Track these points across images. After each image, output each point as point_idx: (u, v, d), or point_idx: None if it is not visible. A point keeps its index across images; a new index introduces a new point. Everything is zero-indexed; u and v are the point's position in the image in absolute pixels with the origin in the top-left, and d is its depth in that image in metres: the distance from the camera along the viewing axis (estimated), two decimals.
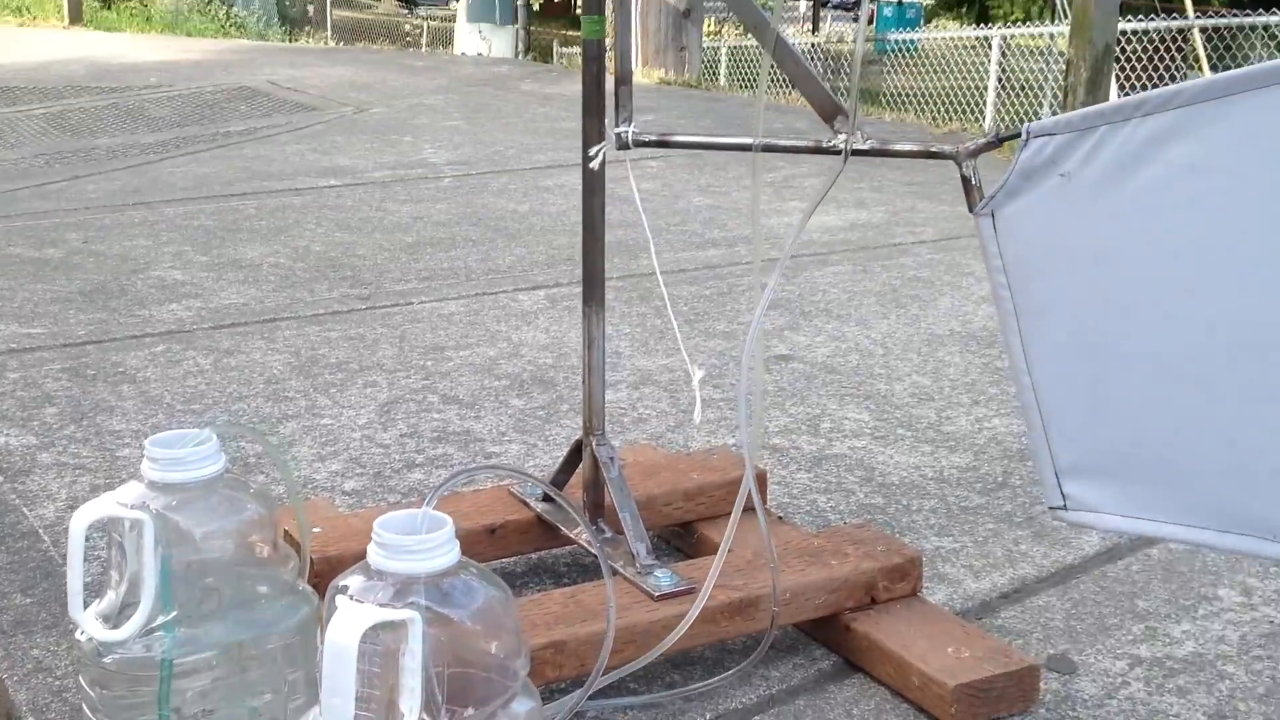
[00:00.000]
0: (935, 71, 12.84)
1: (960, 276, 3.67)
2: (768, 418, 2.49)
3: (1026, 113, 11.11)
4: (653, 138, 1.84)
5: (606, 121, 1.88)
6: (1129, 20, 9.51)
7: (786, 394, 2.65)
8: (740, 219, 4.45)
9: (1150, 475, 1.37)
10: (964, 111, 10.80)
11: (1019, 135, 1.36)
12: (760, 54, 1.84)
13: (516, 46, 12.38)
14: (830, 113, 1.69)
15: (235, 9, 21.05)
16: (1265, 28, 9.76)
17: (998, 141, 1.42)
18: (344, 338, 3.02)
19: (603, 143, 1.88)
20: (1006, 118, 11.13)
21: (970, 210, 1.40)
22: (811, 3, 33.17)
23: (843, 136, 1.61)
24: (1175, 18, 10.27)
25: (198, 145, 5.89)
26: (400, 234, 4.16)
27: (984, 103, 10.83)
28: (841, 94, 1.65)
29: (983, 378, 2.78)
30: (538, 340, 3.02)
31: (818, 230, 4.24)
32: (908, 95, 12.16)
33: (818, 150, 1.66)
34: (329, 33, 19.21)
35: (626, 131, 1.89)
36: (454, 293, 3.45)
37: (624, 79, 2.04)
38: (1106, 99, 6.22)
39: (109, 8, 15.79)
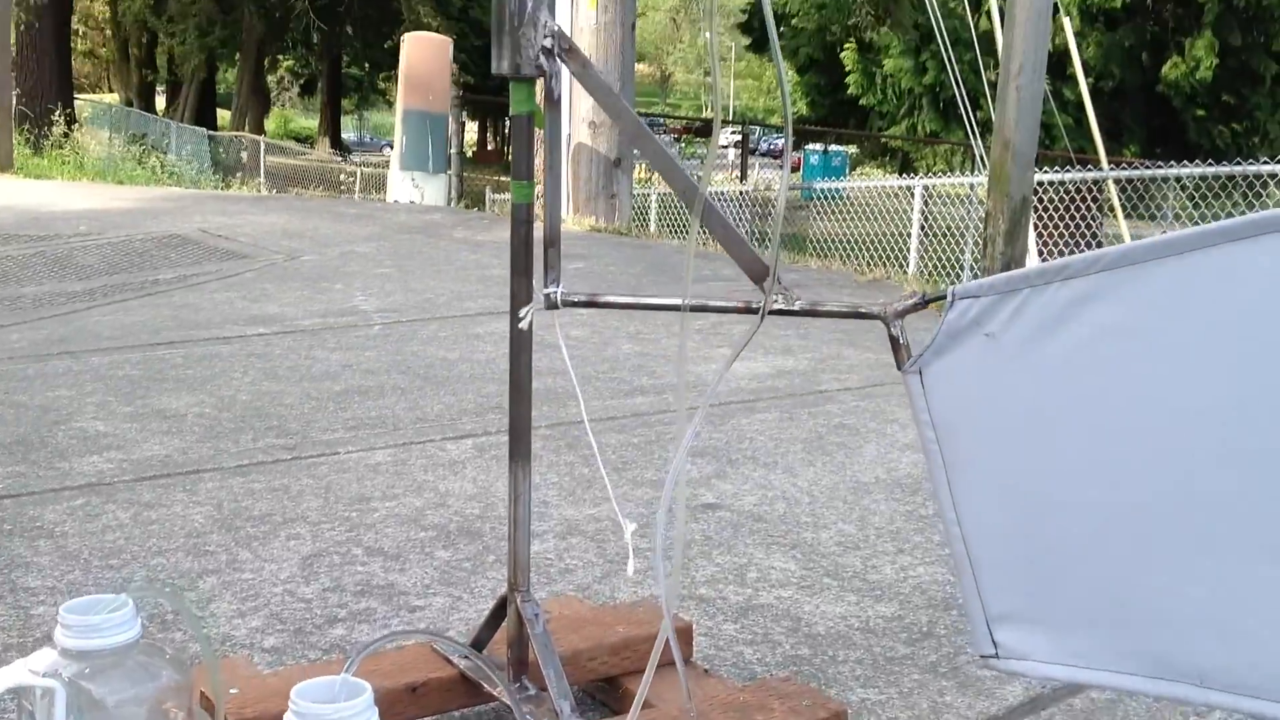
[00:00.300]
0: (860, 217, 13.13)
1: (885, 424, 3.71)
2: (694, 567, 2.49)
3: (949, 258, 11.37)
4: (581, 298, 1.88)
5: (535, 281, 1.91)
6: (1045, 171, 9.82)
7: (713, 543, 2.65)
8: (669, 366, 4.50)
9: (1081, 622, 1.39)
10: (888, 258, 11.02)
11: (944, 297, 1.41)
12: (689, 214, 1.89)
13: (449, 194, 12.52)
14: (758, 274, 1.74)
15: (169, 156, 21.20)
16: (1177, 179, 10.11)
17: (924, 303, 1.47)
18: (268, 489, 3.00)
19: (532, 303, 1.91)
20: (930, 264, 11.38)
21: (899, 368, 1.44)
22: (739, 151, 33.93)
23: (771, 298, 1.67)
24: (1090, 169, 10.61)
25: (126, 293, 5.87)
26: (328, 382, 4.15)
27: (908, 249, 11.06)
28: (768, 242, 1.69)
29: (907, 525, 2.81)
30: (465, 490, 3.01)
31: (745, 378, 4.29)
32: (833, 241, 12.41)
33: (745, 310, 1.71)
34: (262, 179, 19.36)
35: (555, 292, 1.93)
36: (381, 442, 3.44)
37: (552, 240, 2.08)
38: (1025, 248, 6.40)
39: (39, 154, 15.83)
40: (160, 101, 40.04)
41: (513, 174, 2.27)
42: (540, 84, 2.28)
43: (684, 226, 13.53)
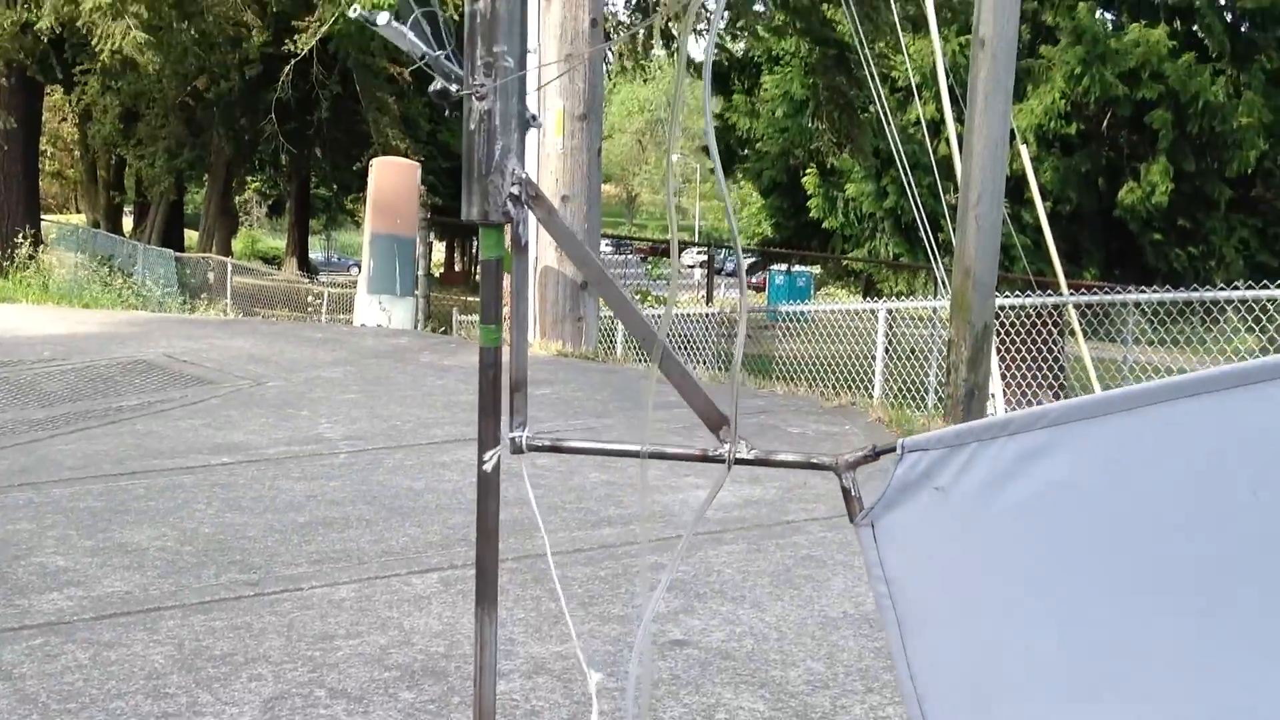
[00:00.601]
0: (826, 338, 13.24)
1: (853, 555, 3.71)
2: (662, 708, 2.47)
3: (914, 380, 11.45)
4: (545, 443, 1.91)
5: (502, 426, 1.93)
6: (1006, 296, 9.95)
7: (681, 682, 2.63)
8: (636, 496, 4.49)
9: None
10: (854, 380, 11.09)
11: (895, 449, 1.42)
12: (648, 363, 1.92)
13: (416, 317, 12.56)
14: (715, 422, 1.76)
15: (135, 277, 21.22)
16: (1137, 304, 10.27)
17: (875, 455, 1.49)
18: (230, 627, 2.96)
19: (497, 448, 1.93)
20: (896, 385, 11.46)
21: (851, 520, 1.45)
22: (705, 271, 34.24)
23: (727, 446, 1.68)
24: (1050, 293, 10.77)
25: (90, 421, 5.84)
26: (292, 514, 4.12)
27: (873, 372, 11.15)
28: (727, 355, 1.71)
29: (876, 662, 2.79)
30: (430, 627, 2.98)
31: (712, 508, 4.28)
32: (800, 362, 12.49)
33: (703, 459, 1.73)
34: (229, 301, 19.37)
35: (520, 437, 1.96)
36: (345, 577, 3.41)
37: (518, 384, 2.11)
38: (988, 376, 6.46)
39: (4, 277, 15.82)
40: (128, 222, 40.18)
41: (481, 318, 2.30)
42: (508, 229, 2.32)
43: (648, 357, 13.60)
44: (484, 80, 2.22)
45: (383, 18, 2.36)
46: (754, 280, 41.05)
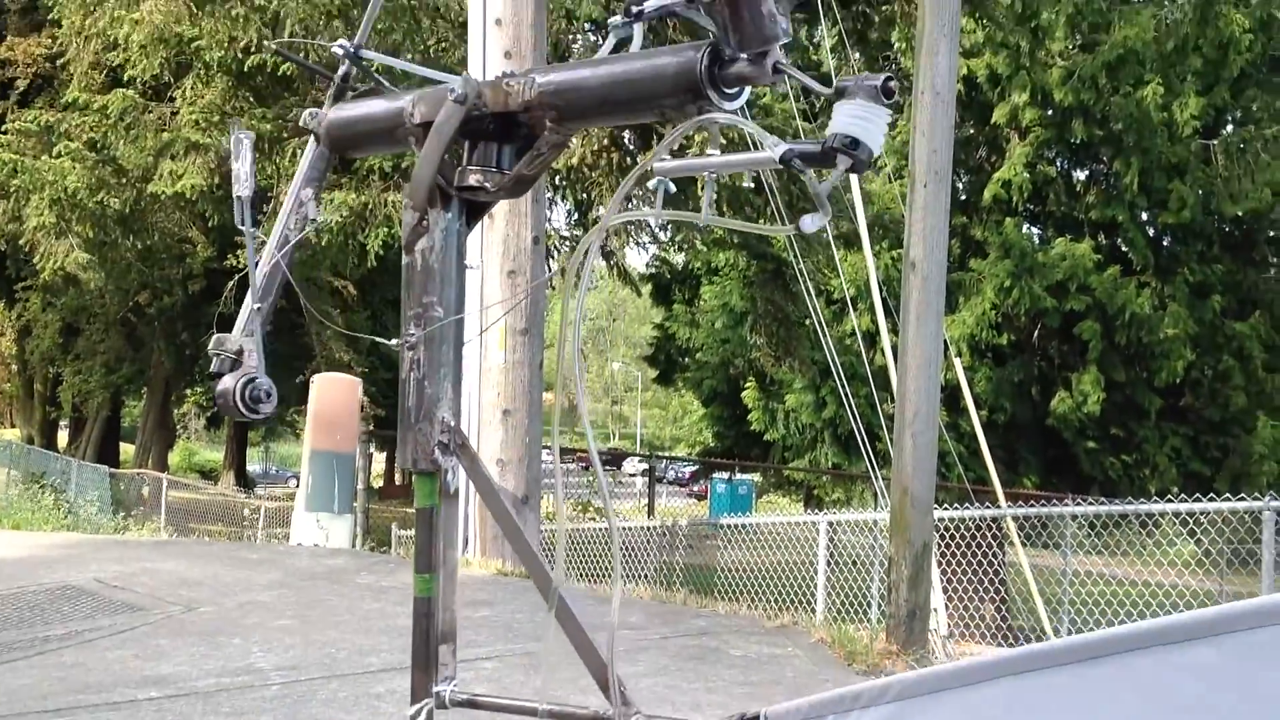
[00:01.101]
0: (767, 547, 13.24)
1: None
2: None
3: (858, 590, 11.42)
4: (464, 698, 1.98)
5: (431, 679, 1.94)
6: (946, 508, 10.04)
7: None
8: None
9: None
10: (796, 594, 11.06)
11: (758, 718, 1.45)
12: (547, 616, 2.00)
13: (354, 533, 12.43)
14: (604, 681, 1.84)
15: (68, 493, 20.91)
16: (1074, 516, 10.39)
17: None
18: None
19: (425, 700, 1.93)
20: (839, 597, 11.42)
21: None
22: (648, 481, 34.26)
23: (613, 712, 1.77)
24: (988, 505, 10.88)
25: (14, 653, 5.68)
26: None
27: (815, 585, 11.12)
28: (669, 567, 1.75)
29: None
30: None
31: None
32: (742, 571, 12.45)
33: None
34: (163, 519, 19.09)
35: (446, 691, 1.97)
36: None
37: (446, 636, 2.11)
38: (929, 595, 6.46)
39: None
40: (64, 436, 39.77)
41: (415, 566, 2.30)
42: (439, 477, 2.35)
43: (592, 570, 13.51)
44: (414, 330, 2.27)
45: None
46: (695, 488, 41.10)
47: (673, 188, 2.08)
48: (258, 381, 2.38)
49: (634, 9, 2.01)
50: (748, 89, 1.91)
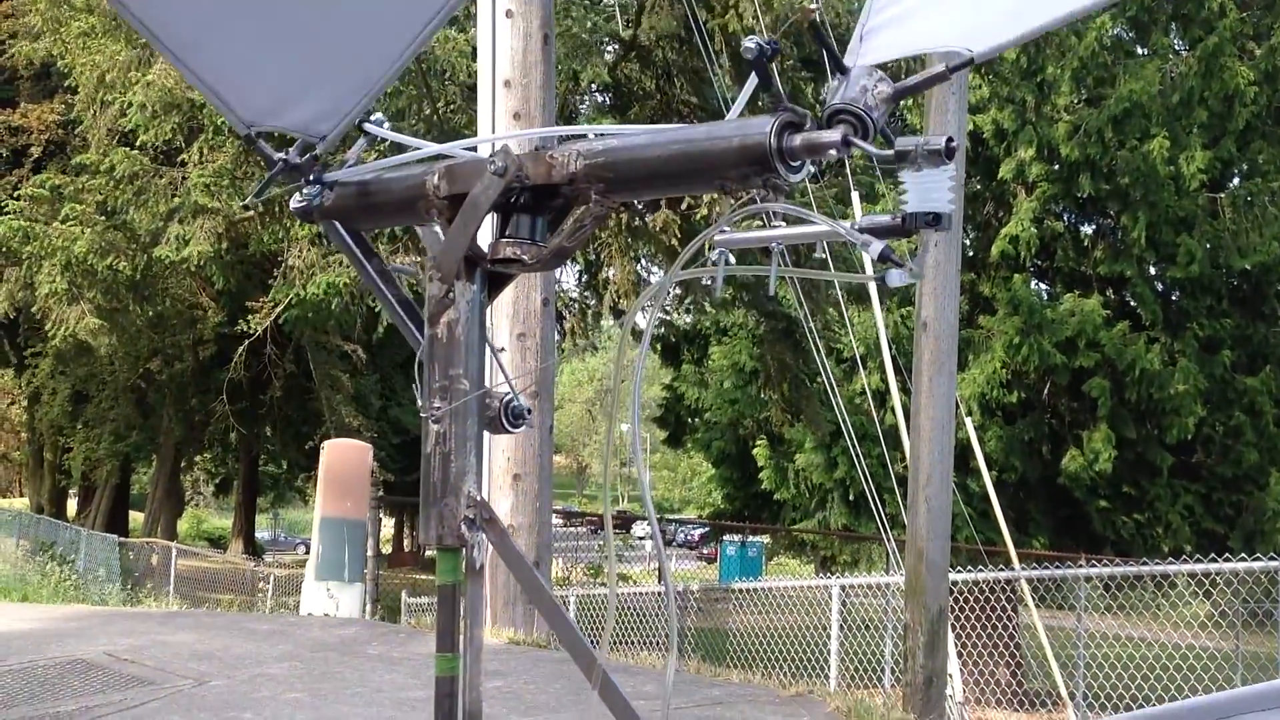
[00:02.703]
0: (779, 610, 13.13)
1: None
2: None
3: (871, 654, 11.30)
4: None
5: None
6: (959, 571, 9.95)
7: None
8: None
9: None
10: (810, 660, 10.95)
11: None
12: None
13: (364, 602, 12.34)
14: None
15: (78, 563, 20.84)
16: (1087, 578, 10.31)
17: None
18: None
19: None
20: (853, 662, 11.31)
21: None
22: (655, 545, 34.07)
23: None
24: (1001, 568, 10.80)
25: None
26: None
27: (828, 650, 11.01)
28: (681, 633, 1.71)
29: None
30: None
31: None
32: (754, 635, 12.34)
33: None
34: (171, 588, 19.00)
35: None
36: None
37: (473, 718, 2.06)
38: (945, 660, 6.38)
39: None
40: (73, 504, 39.70)
41: (437, 645, 2.25)
42: (464, 553, 2.30)
43: (611, 637, 13.38)
44: (439, 404, 2.23)
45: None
46: (705, 551, 40.91)
47: (733, 260, 2.06)
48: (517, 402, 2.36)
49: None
50: (808, 163, 1.90)
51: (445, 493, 2.20)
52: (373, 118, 2.42)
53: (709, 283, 2.03)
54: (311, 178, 2.39)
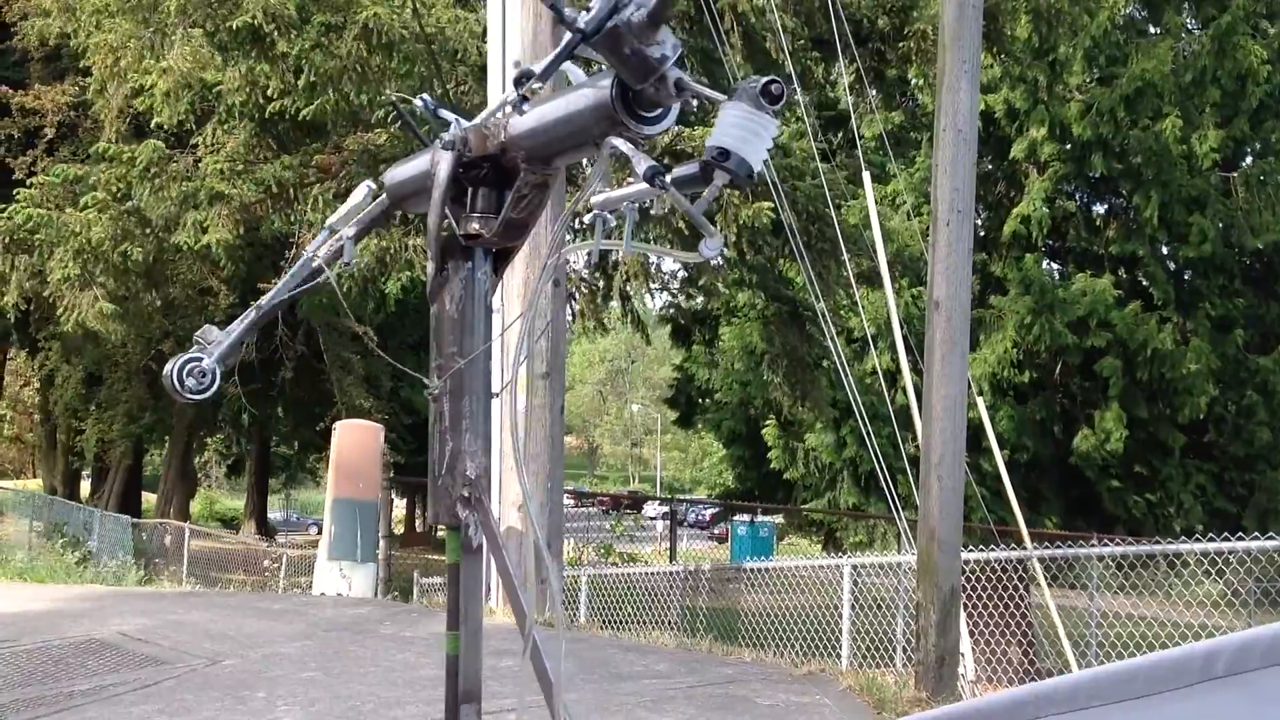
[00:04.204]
0: (791, 590, 13.14)
1: None
2: None
3: (883, 633, 11.32)
4: None
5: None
6: (971, 550, 9.95)
7: None
8: None
9: None
10: (822, 639, 10.96)
11: None
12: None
13: (377, 583, 12.38)
14: None
15: (90, 543, 20.92)
16: (1100, 557, 10.30)
17: None
18: None
19: None
20: (864, 642, 11.32)
21: None
22: (668, 523, 34.13)
23: None
24: (1013, 547, 10.79)
25: (39, 709, 5.64)
26: None
27: (840, 629, 11.02)
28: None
29: None
30: None
31: None
32: (766, 615, 12.35)
33: None
34: (185, 568, 19.06)
35: None
36: None
37: (469, 695, 2.08)
38: (958, 640, 6.40)
39: None
40: (85, 486, 39.83)
41: (447, 624, 2.26)
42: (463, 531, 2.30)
43: (614, 619, 13.41)
44: (438, 381, 2.23)
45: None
46: (716, 531, 40.95)
47: (613, 220, 2.04)
48: (203, 364, 2.37)
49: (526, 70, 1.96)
50: (671, 111, 1.87)
51: (444, 472, 2.20)
52: (420, 99, 2.40)
53: (589, 254, 2.04)
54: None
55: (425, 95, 2.40)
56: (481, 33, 14.78)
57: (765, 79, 1.72)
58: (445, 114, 2.35)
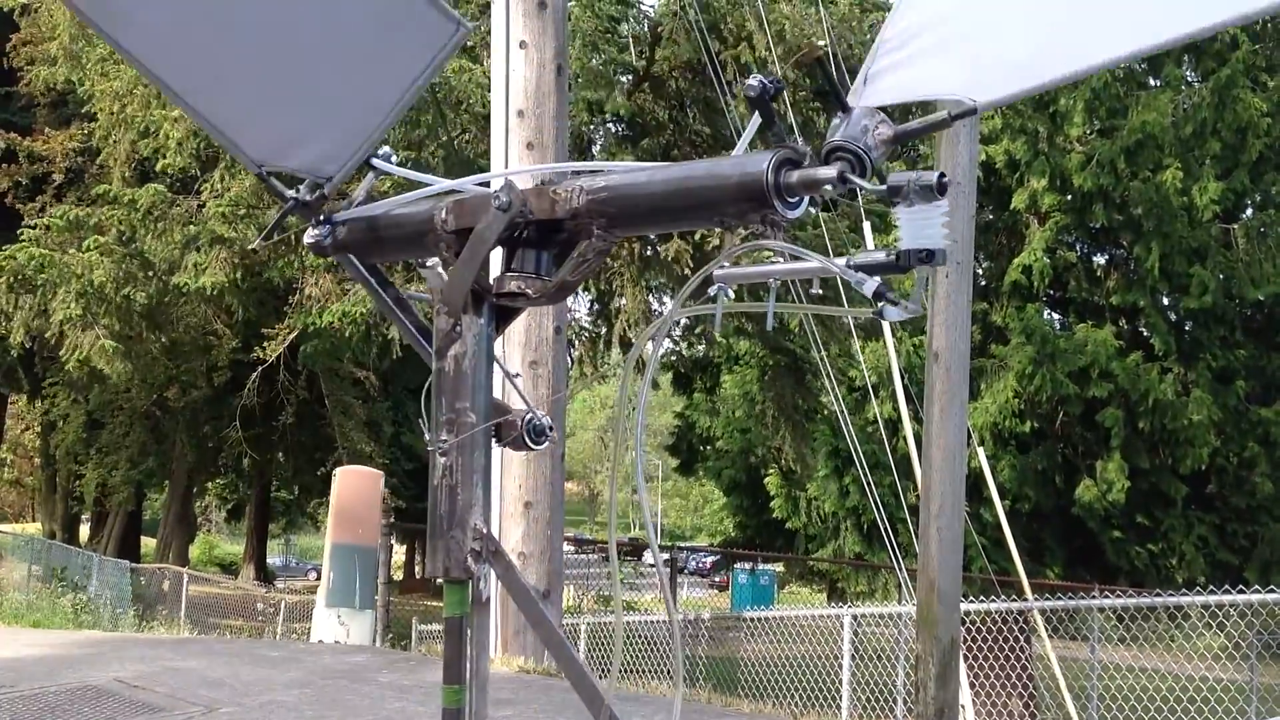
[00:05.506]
0: (791, 639, 13.08)
1: None
2: None
3: (883, 683, 11.27)
4: None
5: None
6: (972, 601, 9.93)
7: None
8: None
9: None
10: (822, 689, 10.90)
11: None
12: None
13: (375, 629, 12.33)
14: None
15: (90, 589, 20.85)
16: (1101, 609, 10.27)
17: None
18: None
19: None
20: (864, 694, 11.27)
21: None
22: (670, 571, 34.00)
23: None
24: (1014, 598, 10.76)
25: None
26: None
27: (840, 680, 10.97)
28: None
29: None
30: None
31: None
32: (765, 664, 12.29)
33: None
34: (183, 613, 18.99)
35: None
36: None
37: None
38: (957, 692, 6.37)
39: None
40: (85, 529, 39.71)
41: (444, 677, 2.26)
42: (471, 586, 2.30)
43: (608, 668, 13.32)
44: (446, 437, 2.23)
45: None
46: (717, 579, 40.80)
47: (731, 294, 2.06)
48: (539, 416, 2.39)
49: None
50: (807, 199, 1.90)
51: (452, 525, 2.20)
52: (380, 151, 2.44)
53: (710, 318, 2.04)
54: (321, 217, 2.42)
55: (385, 148, 2.43)
56: (487, 83, 14.91)
57: (936, 174, 1.79)
58: (409, 174, 2.40)
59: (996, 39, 1.85)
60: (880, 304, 1.87)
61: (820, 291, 2.14)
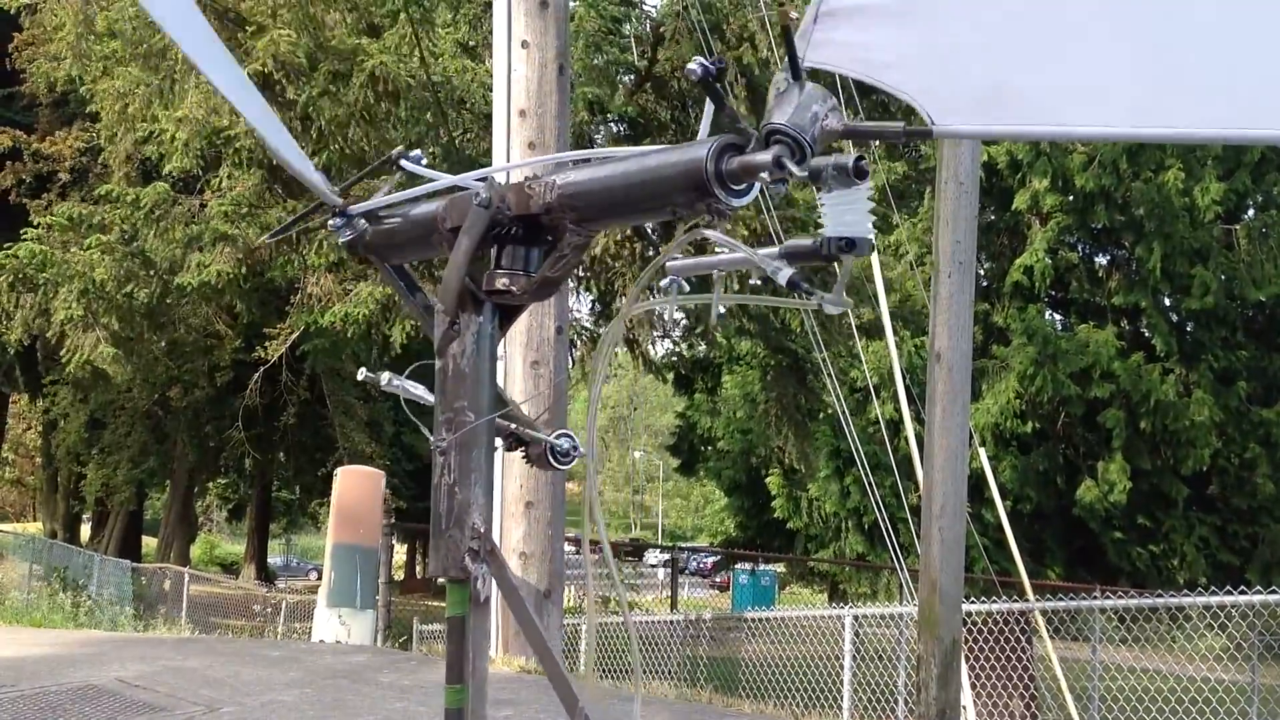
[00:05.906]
0: (792, 640, 13.06)
1: None
2: None
3: (884, 684, 11.26)
4: None
5: None
6: (973, 602, 9.92)
7: None
8: None
9: None
10: (823, 689, 10.90)
11: None
12: None
13: (376, 629, 12.32)
14: None
15: (90, 589, 20.85)
16: (1103, 610, 10.26)
17: None
18: None
19: None
20: (866, 695, 11.26)
21: None
22: (670, 572, 34.02)
23: None
24: (1016, 599, 10.75)
25: None
26: None
27: (841, 680, 10.96)
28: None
29: None
30: None
31: None
32: (766, 664, 12.29)
33: None
34: (184, 613, 18.99)
35: None
36: None
37: None
38: (959, 693, 6.36)
39: None
40: (86, 529, 39.69)
41: (447, 678, 2.25)
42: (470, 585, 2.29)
43: (615, 668, 13.35)
44: (446, 435, 2.23)
45: (384, 377, 2.39)
46: (718, 579, 40.80)
47: (686, 286, 2.05)
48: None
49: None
50: (756, 185, 1.85)
51: (451, 525, 2.19)
52: (411, 154, 2.43)
53: (663, 311, 2.04)
54: (338, 211, 2.43)
55: (416, 151, 2.42)
56: (488, 82, 14.91)
57: (854, 156, 1.72)
58: (434, 174, 2.38)
59: (986, 50, 1.73)
60: (804, 295, 1.83)
61: (759, 282, 2.12)
